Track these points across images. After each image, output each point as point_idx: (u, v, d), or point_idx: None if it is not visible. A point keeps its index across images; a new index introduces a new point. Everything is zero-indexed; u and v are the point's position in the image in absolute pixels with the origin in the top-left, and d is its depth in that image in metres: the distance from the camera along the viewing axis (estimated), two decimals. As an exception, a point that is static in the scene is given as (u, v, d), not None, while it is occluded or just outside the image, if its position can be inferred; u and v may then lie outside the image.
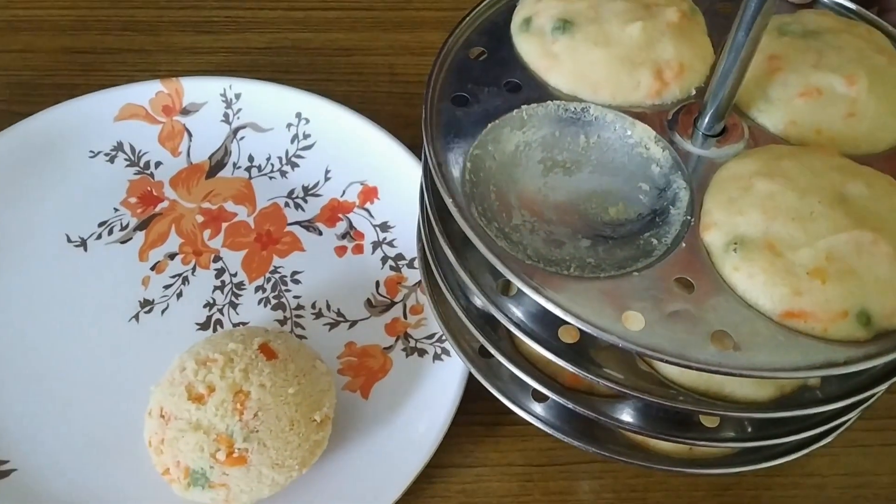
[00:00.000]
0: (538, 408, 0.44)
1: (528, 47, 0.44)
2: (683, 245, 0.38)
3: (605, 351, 0.39)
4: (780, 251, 0.36)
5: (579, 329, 0.36)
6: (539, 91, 0.43)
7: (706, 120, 0.41)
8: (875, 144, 0.42)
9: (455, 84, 0.44)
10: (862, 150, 0.41)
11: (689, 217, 0.39)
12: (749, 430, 0.42)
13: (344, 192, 0.59)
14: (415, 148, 0.58)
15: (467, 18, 0.46)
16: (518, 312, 0.40)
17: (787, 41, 0.44)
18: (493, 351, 0.43)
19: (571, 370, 0.39)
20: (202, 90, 0.61)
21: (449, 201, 0.39)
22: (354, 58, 0.69)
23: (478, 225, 0.38)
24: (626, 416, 0.42)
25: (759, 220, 0.37)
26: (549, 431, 0.44)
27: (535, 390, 0.44)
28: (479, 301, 0.43)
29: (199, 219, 0.57)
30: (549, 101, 0.42)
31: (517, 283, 0.37)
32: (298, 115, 0.61)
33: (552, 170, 0.42)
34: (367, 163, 0.59)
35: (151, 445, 0.45)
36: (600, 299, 0.36)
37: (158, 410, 0.45)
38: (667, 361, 0.35)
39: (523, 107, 0.42)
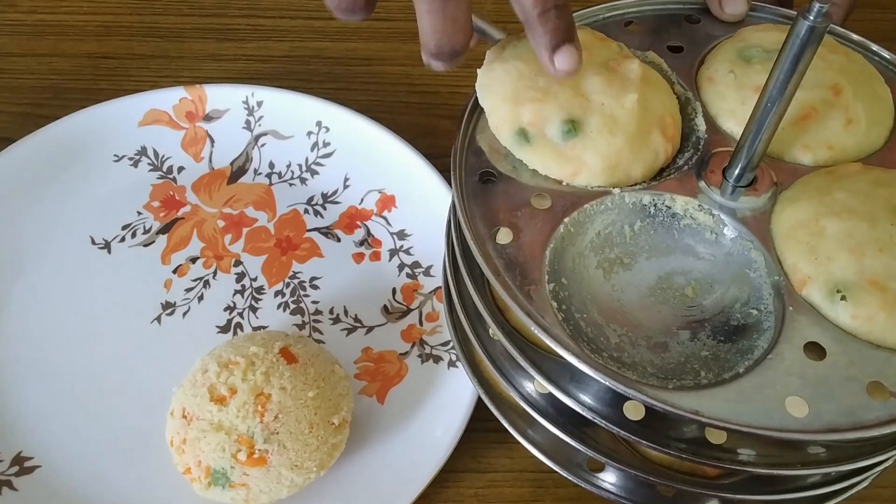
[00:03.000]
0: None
1: (541, 159, 0.41)
2: (791, 309, 0.38)
3: (669, 421, 0.39)
4: (885, 284, 0.37)
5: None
6: (566, 197, 0.41)
7: (737, 172, 0.40)
8: (875, 141, 0.43)
9: (489, 217, 0.41)
10: (867, 150, 0.42)
11: (777, 278, 0.39)
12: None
13: (362, 199, 0.60)
14: (432, 157, 0.60)
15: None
16: (585, 397, 0.40)
17: (760, 68, 0.43)
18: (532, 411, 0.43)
19: (649, 447, 0.39)
20: (225, 97, 0.62)
21: (583, 366, 0.36)
22: (373, 67, 0.70)
23: (602, 366, 0.36)
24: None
25: (849, 261, 0.37)
26: (546, 462, 0.44)
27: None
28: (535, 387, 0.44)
29: (221, 223, 0.59)
30: (584, 205, 0.41)
31: (678, 413, 0.35)
32: (319, 124, 0.62)
33: (611, 270, 0.41)
34: (385, 172, 0.60)
35: (173, 445, 0.46)
36: (753, 396, 0.36)
37: (181, 411, 0.46)
38: (846, 440, 0.36)
39: (565, 220, 0.40)
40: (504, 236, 0.40)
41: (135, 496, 0.48)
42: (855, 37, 0.48)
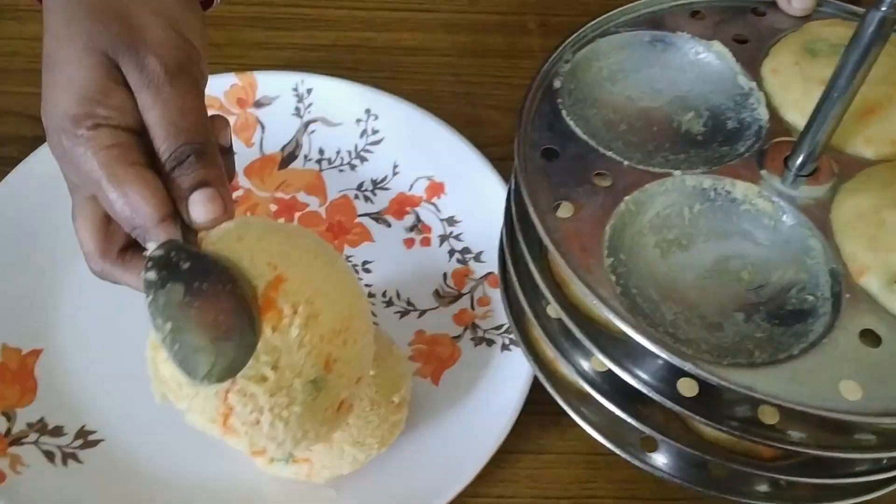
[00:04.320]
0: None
1: None
2: (848, 296, 0.38)
3: (723, 400, 0.40)
4: None
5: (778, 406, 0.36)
6: (628, 176, 0.42)
7: (800, 161, 0.41)
8: None
9: (550, 192, 0.42)
10: None
11: (835, 265, 0.39)
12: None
13: (411, 186, 0.61)
14: (477, 147, 0.60)
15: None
16: (640, 373, 0.41)
17: (825, 62, 0.44)
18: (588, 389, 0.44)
19: (702, 422, 0.40)
20: (275, 84, 0.63)
21: (640, 338, 0.37)
22: (418, 57, 0.71)
23: (660, 339, 0.37)
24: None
25: None
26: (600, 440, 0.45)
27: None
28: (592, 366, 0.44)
29: (273, 207, 0.60)
30: (646, 185, 0.42)
31: (732, 388, 0.36)
32: (368, 111, 0.63)
33: (669, 251, 0.42)
34: (434, 159, 0.61)
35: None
36: (807, 378, 0.36)
37: (246, 387, 0.47)
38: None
39: (626, 198, 0.42)
40: (565, 211, 0.42)
41: (197, 471, 0.49)
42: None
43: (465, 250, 0.58)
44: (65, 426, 0.50)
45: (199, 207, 0.39)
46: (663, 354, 0.37)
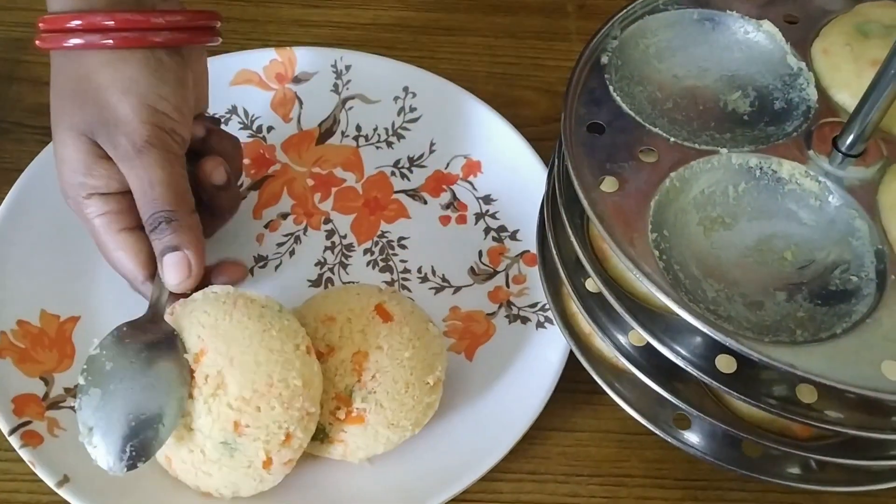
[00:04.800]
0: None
1: None
2: (893, 278, 0.38)
3: (760, 378, 0.40)
4: None
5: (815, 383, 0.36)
6: (674, 153, 0.43)
7: (849, 141, 0.41)
8: None
9: (595, 167, 0.42)
10: None
11: (881, 247, 0.39)
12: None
13: (448, 164, 0.61)
14: (514, 127, 0.60)
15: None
16: (679, 348, 0.41)
17: (877, 43, 0.44)
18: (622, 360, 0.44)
19: (739, 398, 0.40)
20: (314, 60, 0.64)
21: (682, 312, 0.37)
22: (455, 37, 0.71)
23: (702, 314, 0.38)
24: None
25: None
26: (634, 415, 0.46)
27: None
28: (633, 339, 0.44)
29: (310, 182, 0.60)
30: (691, 162, 0.42)
31: (773, 365, 0.36)
32: (405, 89, 0.63)
33: (712, 229, 0.42)
34: (471, 138, 0.61)
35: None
36: (849, 357, 0.36)
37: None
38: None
39: (671, 174, 0.42)
40: (609, 185, 0.42)
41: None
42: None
43: (501, 228, 0.58)
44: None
45: (167, 270, 0.46)
46: (706, 329, 0.37)
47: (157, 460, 0.46)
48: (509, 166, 0.59)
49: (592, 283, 0.44)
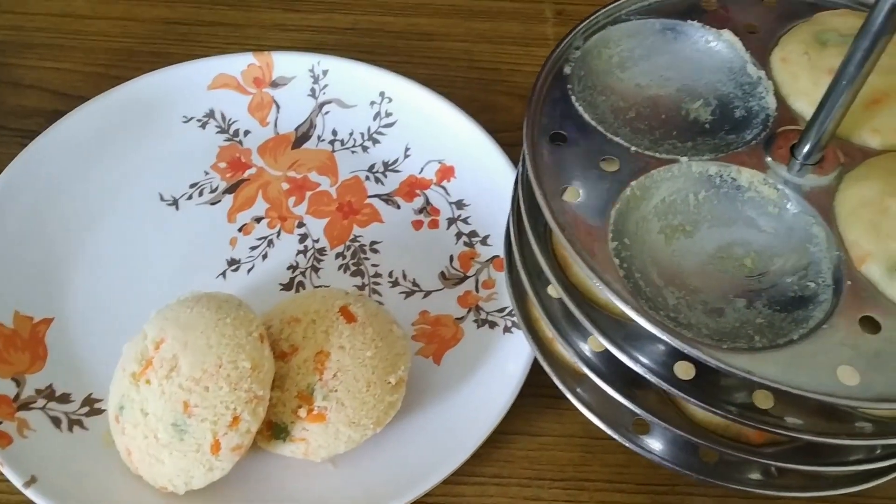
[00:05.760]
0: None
1: None
2: (849, 283, 0.39)
3: (719, 384, 0.41)
4: None
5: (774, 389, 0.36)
6: (634, 162, 0.43)
7: (806, 150, 0.41)
8: None
9: (557, 176, 0.43)
10: None
11: (837, 253, 0.40)
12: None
13: (422, 169, 0.62)
14: (490, 132, 0.61)
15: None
16: (638, 355, 0.41)
17: (835, 52, 0.44)
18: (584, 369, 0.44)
19: (697, 405, 0.40)
20: (292, 65, 0.64)
21: (641, 320, 0.38)
22: (434, 43, 0.71)
23: (660, 321, 0.38)
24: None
25: None
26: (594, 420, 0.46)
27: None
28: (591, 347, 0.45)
29: (285, 186, 0.60)
30: (651, 171, 0.42)
31: (730, 371, 0.37)
32: (382, 94, 0.63)
33: (673, 236, 0.42)
34: (445, 143, 0.62)
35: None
36: (805, 362, 0.37)
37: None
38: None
39: (632, 183, 0.42)
40: (571, 195, 0.42)
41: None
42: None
43: (473, 233, 0.59)
44: (72, 393, 0.51)
45: None
46: (663, 336, 0.37)
47: (120, 458, 0.46)
48: (482, 172, 0.60)
49: (554, 289, 0.45)
